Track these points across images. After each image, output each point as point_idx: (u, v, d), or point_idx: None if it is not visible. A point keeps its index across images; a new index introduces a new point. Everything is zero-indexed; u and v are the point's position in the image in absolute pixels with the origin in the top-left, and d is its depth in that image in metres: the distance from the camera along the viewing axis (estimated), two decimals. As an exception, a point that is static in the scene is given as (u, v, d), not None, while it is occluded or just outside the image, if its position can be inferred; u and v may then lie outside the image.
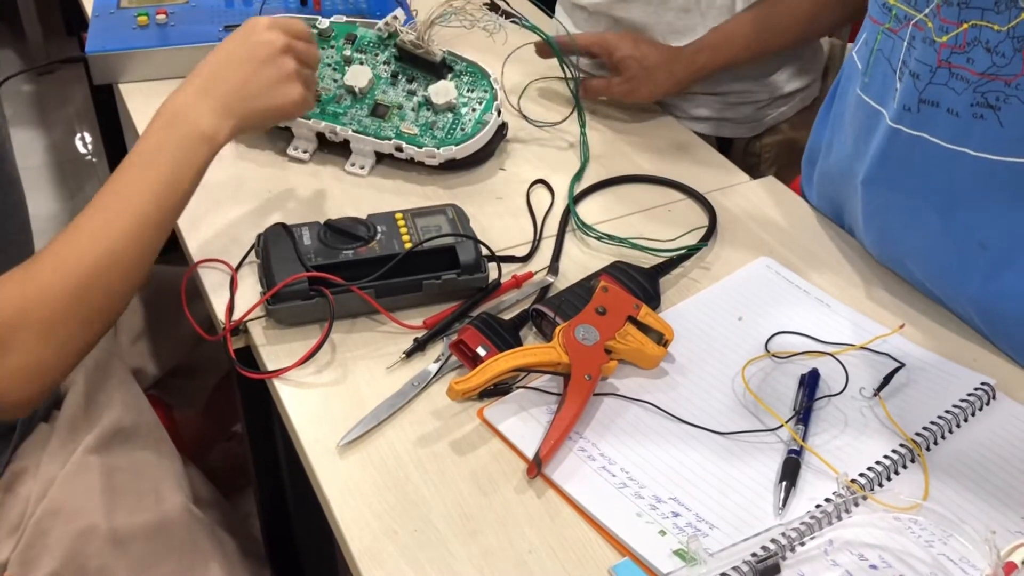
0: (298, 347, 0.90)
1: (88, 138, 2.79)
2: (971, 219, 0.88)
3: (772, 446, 0.81)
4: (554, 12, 1.40)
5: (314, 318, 0.92)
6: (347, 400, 0.86)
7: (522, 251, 1.03)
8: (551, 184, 1.14)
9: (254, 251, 0.98)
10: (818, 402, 0.84)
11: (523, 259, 1.02)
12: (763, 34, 1.22)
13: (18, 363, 0.79)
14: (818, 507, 0.75)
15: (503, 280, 0.97)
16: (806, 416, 0.83)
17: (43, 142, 2.77)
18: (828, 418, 0.83)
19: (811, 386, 0.85)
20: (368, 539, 0.74)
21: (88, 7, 1.45)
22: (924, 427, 0.82)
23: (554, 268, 1.01)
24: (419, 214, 1.00)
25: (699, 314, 0.95)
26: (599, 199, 1.12)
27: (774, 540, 0.73)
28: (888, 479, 0.78)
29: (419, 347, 0.90)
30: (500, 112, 1.15)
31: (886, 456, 0.79)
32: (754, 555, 0.72)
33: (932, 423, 0.82)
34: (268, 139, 1.19)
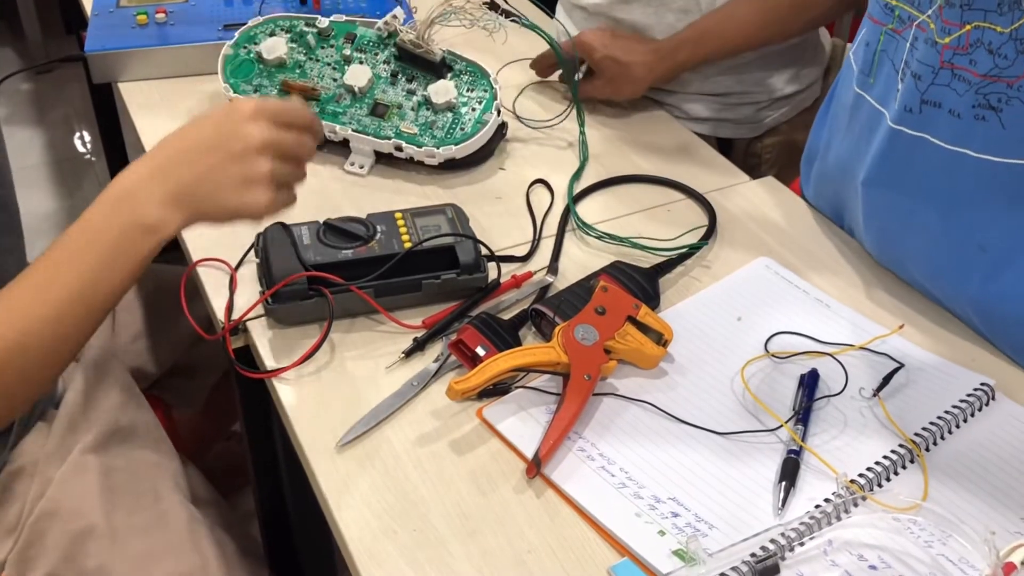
0: (297, 347, 0.90)
1: (87, 137, 2.79)
2: (971, 220, 0.88)
3: (771, 446, 0.81)
4: (554, 12, 1.40)
5: (313, 318, 0.92)
6: (346, 400, 0.86)
7: (521, 251, 1.03)
8: (551, 184, 1.13)
9: (253, 250, 0.98)
10: (817, 402, 0.84)
11: (522, 259, 1.02)
12: (747, 28, 1.21)
13: None
14: (817, 507, 0.75)
15: (502, 280, 0.97)
16: (805, 416, 0.83)
17: (42, 141, 2.77)
18: (827, 418, 0.83)
19: (810, 386, 0.85)
20: (367, 539, 0.74)
21: (87, 6, 1.44)
22: (923, 427, 0.81)
23: (553, 268, 1.00)
24: (418, 214, 0.99)
25: (698, 314, 0.95)
26: (599, 199, 1.12)
27: (773, 540, 0.73)
28: (887, 479, 0.78)
29: (418, 347, 0.90)
30: (500, 112, 1.15)
31: (885, 456, 0.79)
32: (753, 555, 0.71)
33: (931, 423, 0.82)
34: (267, 138, 1.19)
